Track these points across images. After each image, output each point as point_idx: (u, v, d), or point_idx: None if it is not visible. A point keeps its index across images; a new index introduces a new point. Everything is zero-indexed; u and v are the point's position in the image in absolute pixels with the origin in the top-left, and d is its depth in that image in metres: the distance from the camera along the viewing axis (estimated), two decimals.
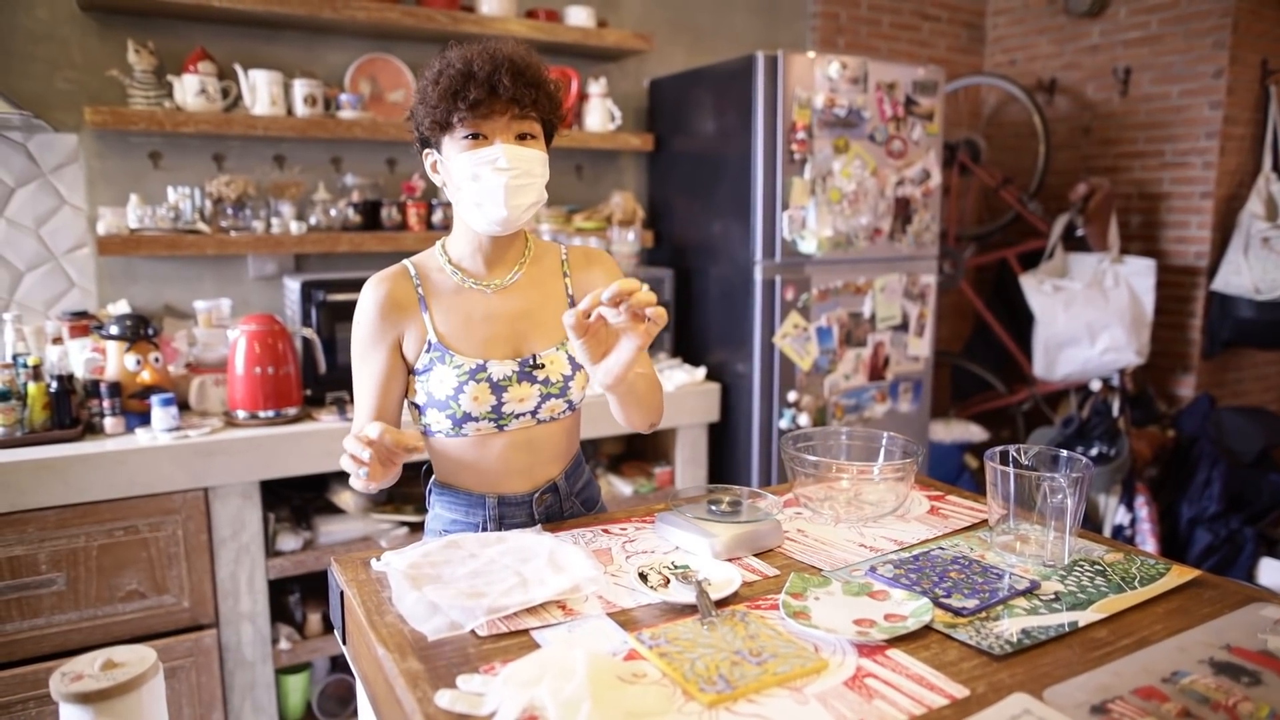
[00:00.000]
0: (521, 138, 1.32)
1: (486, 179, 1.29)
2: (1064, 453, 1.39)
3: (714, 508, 1.40)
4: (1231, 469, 3.20)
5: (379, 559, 1.27)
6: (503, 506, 1.44)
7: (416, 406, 1.42)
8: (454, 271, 1.41)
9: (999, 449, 1.40)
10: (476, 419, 1.38)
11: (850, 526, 1.48)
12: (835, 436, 1.66)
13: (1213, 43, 3.38)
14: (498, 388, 1.37)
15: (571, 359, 1.45)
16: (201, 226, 2.49)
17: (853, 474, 1.54)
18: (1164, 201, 3.62)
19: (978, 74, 4.06)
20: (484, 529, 1.45)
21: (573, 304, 1.47)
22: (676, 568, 1.25)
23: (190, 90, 2.43)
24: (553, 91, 1.34)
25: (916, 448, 1.52)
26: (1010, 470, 1.30)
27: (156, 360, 2.26)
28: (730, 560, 1.31)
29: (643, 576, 1.20)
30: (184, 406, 2.38)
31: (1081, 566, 1.29)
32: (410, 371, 1.40)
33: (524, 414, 1.41)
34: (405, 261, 1.43)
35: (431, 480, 1.50)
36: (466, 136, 1.29)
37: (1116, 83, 3.71)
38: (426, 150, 1.39)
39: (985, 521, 1.50)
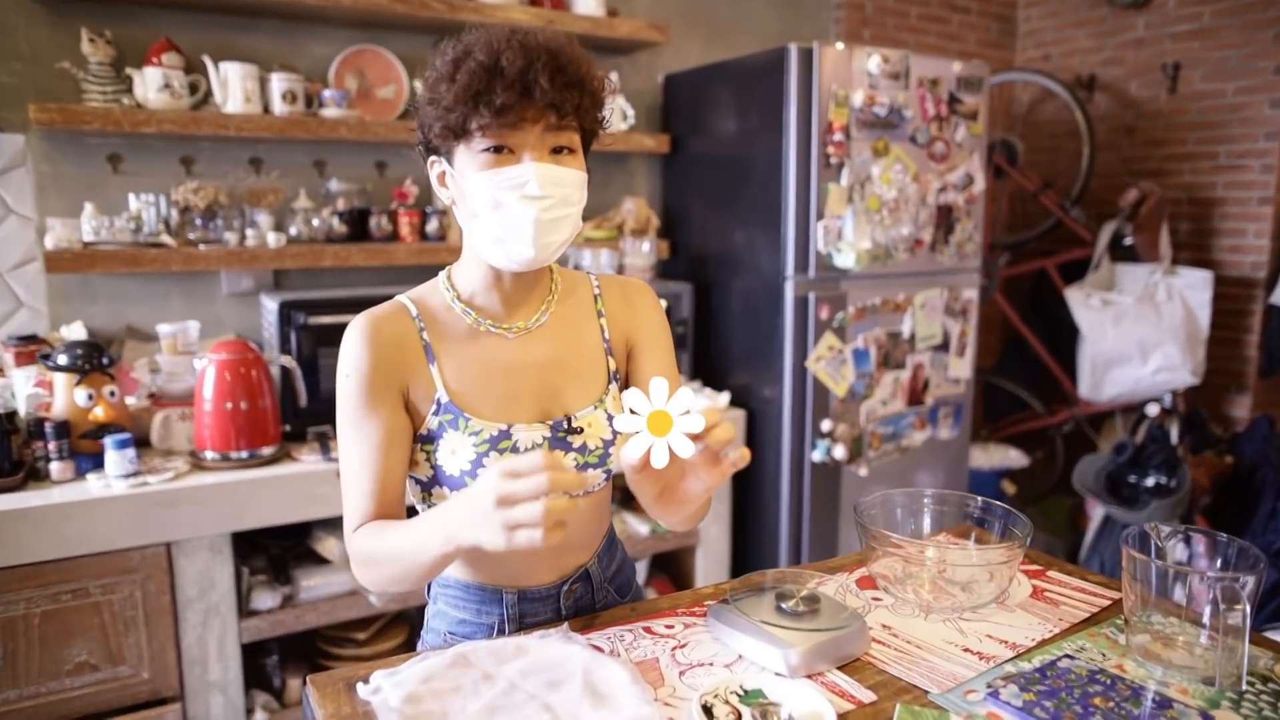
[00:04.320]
0: (557, 152, 1.04)
1: (512, 209, 1.02)
2: (1208, 535, 1.13)
3: (784, 605, 1.12)
4: None
5: (367, 681, 1.00)
6: (524, 604, 1.16)
7: (420, 483, 1.14)
8: (465, 311, 1.13)
9: (1137, 531, 1.14)
10: None
11: (944, 619, 1.21)
12: (917, 499, 1.39)
13: (1274, 35, 3.12)
14: None
15: (612, 419, 1.17)
16: (166, 239, 2.20)
17: (941, 554, 1.27)
18: (1217, 208, 3.37)
19: (1011, 69, 3.80)
20: (500, 632, 1.16)
21: (609, 351, 1.19)
22: (747, 695, 0.98)
23: (152, 85, 2.14)
24: (598, 93, 1.06)
25: (1026, 526, 1.25)
26: (1171, 568, 1.04)
27: (112, 394, 1.97)
28: (809, 676, 1.04)
29: (707, 710, 0.93)
30: (145, 444, 2.10)
31: (1251, 683, 1.02)
32: (413, 438, 1.12)
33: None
34: (402, 298, 1.14)
35: None
36: (488, 150, 1.02)
37: (1164, 79, 3.45)
38: (433, 159, 1.10)
39: (1106, 610, 1.23)
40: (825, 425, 2.56)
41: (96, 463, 1.92)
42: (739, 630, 1.09)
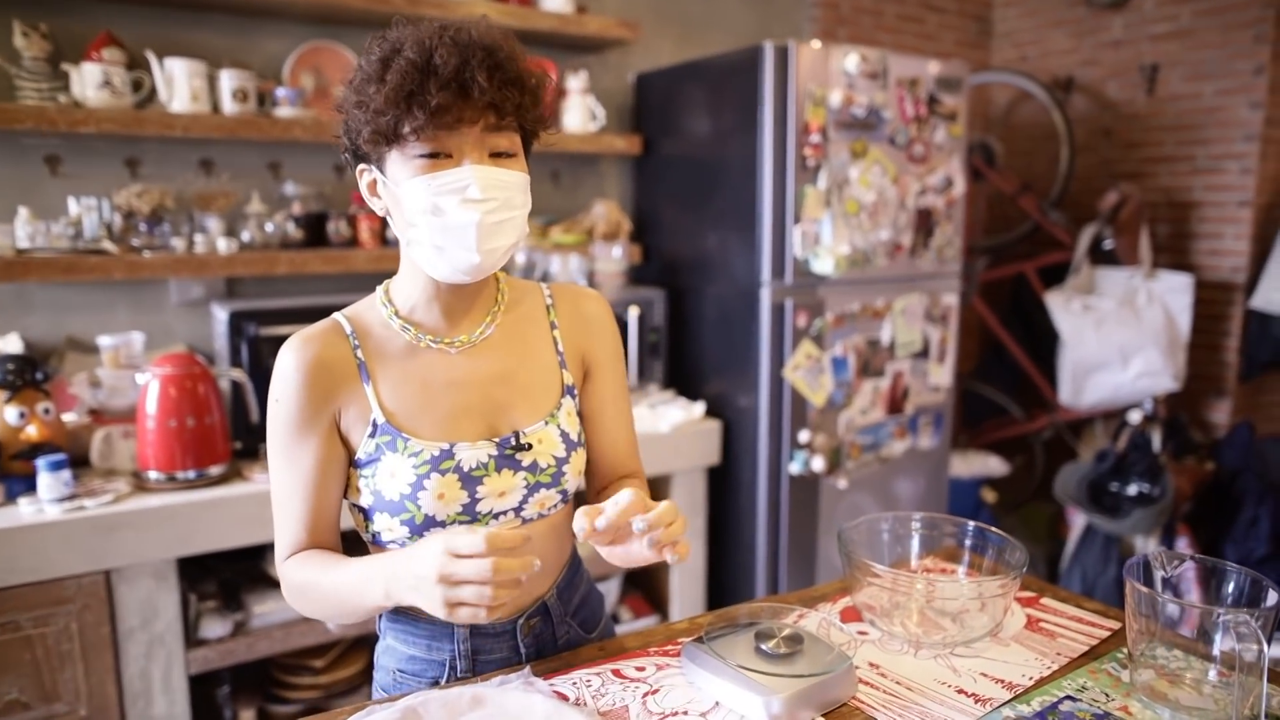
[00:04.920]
0: (496, 155, 0.97)
1: (452, 214, 0.95)
2: (1215, 564, 1.06)
3: (764, 646, 1.03)
4: None
5: None
6: (477, 639, 1.08)
7: (361, 510, 1.05)
8: (404, 327, 1.04)
9: (1140, 560, 1.06)
10: (443, 523, 1.01)
11: (935, 655, 1.12)
12: (904, 523, 1.31)
13: (1253, 36, 3.08)
14: (470, 479, 1.01)
15: (566, 435, 1.09)
16: (108, 245, 2.08)
17: (931, 582, 1.19)
18: (1195, 210, 3.32)
19: (989, 70, 3.74)
20: (452, 670, 1.08)
21: (563, 364, 1.12)
22: None
23: (91, 82, 2.01)
24: (538, 91, 0.99)
25: (1022, 554, 1.17)
26: (1175, 606, 0.96)
27: (46, 412, 1.85)
28: None
29: None
30: (85, 463, 1.97)
31: None
32: (350, 463, 1.03)
33: (505, 512, 1.05)
34: (336, 316, 1.06)
35: None
36: (423, 155, 0.94)
37: (1142, 81, 3.40)
38: (362, 167, 1.02)
39: (1106, 641, 1.16)
40: (803, 436, 2.47)
41: (29, 485, 1.80)
42: (715, 674, 1.01)
